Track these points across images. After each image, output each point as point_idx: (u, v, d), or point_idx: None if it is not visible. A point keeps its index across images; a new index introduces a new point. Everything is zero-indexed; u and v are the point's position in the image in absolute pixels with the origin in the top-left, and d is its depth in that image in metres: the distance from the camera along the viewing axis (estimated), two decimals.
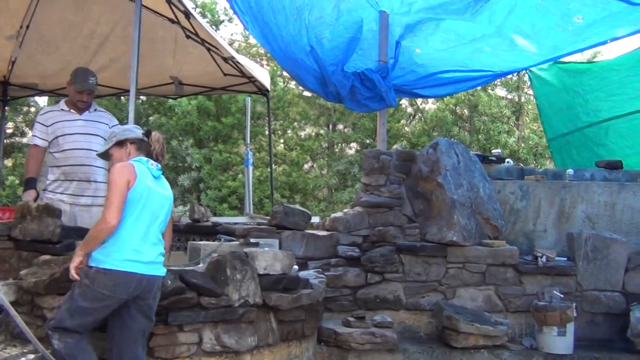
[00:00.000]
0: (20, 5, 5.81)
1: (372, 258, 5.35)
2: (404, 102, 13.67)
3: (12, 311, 3.13)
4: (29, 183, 4.47)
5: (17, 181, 11.60)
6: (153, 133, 3.32)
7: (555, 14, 6.14)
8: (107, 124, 4.65)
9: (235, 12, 5.56)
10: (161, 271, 3.18)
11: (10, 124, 11.88)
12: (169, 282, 3.28)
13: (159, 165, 3.27)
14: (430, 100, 14.36)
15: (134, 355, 3.07)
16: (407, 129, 14.49)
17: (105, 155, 3.38)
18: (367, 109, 6.45)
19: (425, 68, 6.38)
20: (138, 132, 3.31)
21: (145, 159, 3.20)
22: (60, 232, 3.68)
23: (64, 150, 4.47)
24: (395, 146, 12.22)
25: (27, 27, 6.04)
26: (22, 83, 7.05)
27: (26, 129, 12.70)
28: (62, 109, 4.60)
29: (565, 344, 5.05)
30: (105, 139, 4.59)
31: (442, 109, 13.86)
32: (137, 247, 3.04)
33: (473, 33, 6.33)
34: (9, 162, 12.12)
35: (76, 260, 3.02)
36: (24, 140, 12.60)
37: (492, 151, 7.28)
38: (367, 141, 13.45)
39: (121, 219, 3.01)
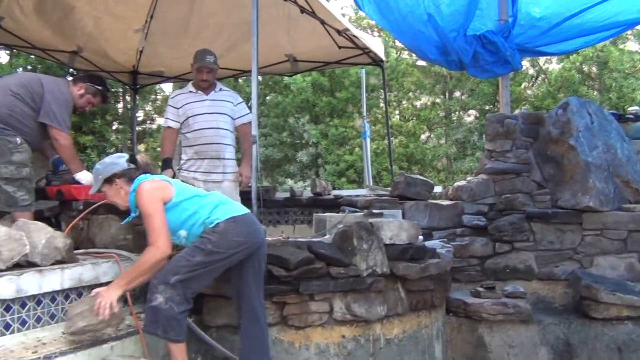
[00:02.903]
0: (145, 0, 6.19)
1: (500, 227, 5.16)
2: (525, 63, 12.89)
3: None
4: (166, 163, 4.75)
5: None
6: (138, 157, 3.22)
7: None
8: (232, 102, 4.81)
9: None
10: None
11: (140, 112, 12.71)
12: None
13: None
14: (554, 59, 13.47)
15: (260, 302, 3.16)
16: (529, 91, 13.72)
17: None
18: (491, 75, 6.14)
19: (547, 20, 5.95)
20: (122, 161, 3.12)
21: (143, 175, 3.12)
22: None
23: (195, 130, 4.69)
24: (517, 111, 11.64)
25: (151, 17, 6.41)
26: (150, 71, 7.50)
27: (155, 115, 13.53)
28: (190, 91, 4.81)
29: None
30: (229, 116, 4.79)
31: (567, 68, 12.93)
32: (226, 200, 3.17)
33: None
34: (141, 147, 12.99)
35: (116, 294, 2.79)
36: (154, 126, 13.45)
37: (629, 109, 6.70)
38: (487, 107, 12.93)
39: (196, 208, 3.03)
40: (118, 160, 3.12)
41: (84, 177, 3.94)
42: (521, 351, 4.59)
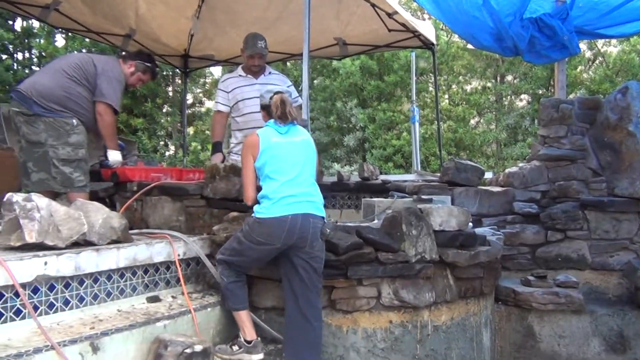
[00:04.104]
0: None
1: (553, 215, 5.03)
2: (582, 45, 12.42)
3: (208, 263, 3.44)
4: (216, 147, 4.81)
5: (199, 147, 12.64)
6: (274, 98, 3.34)
7: None
8: (281, 86, 4.82)
9: None
10: (315, 210, 3.21)
11: (189, 95, 12.88)
12: (328, 231, 3.24)
13: (293, 123, 3.33)
14: (612, 42, 12.95)
15: (307, 301, 3.17)
16: (585, 75, 13.23)
17: None
18: (548, 60, 5.91)
19: (607, 2, 5.69)
20: (267, 96, 3.42)
21: (272, 121, 3.33)
22: None
23: (244, 114, 4.73)
24: (572, 95, 11.25)
25: (202, 1, 6.47)
26: (200, 55, 7.58)
27: (204, 99, 13.70)
28: (239, 75, 4.85)
29: None
30: None
31: (627, 50, 12.40)
32: (281, 193, 3.13)
33: None
34: (190, 130, 13.20)
35: None
36: (203, 109, 13.63)
37: None
38: (540, 92, 12.55)
39: (262, 178, 3.22)
40: (265, 94, 3.45)
41: (114, 155, 4.08)
42: (572, 342, 4.49)
